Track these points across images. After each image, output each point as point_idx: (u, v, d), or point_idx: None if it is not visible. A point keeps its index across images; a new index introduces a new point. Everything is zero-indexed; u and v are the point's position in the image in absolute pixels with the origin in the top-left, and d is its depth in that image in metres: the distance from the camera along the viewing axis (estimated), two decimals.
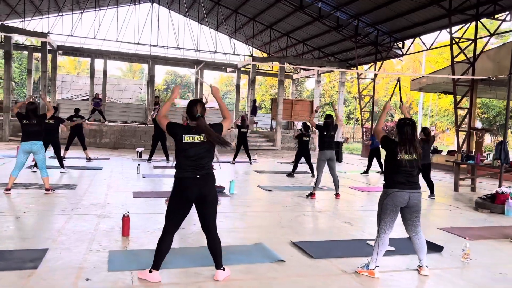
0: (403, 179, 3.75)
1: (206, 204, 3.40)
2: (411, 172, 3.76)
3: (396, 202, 3.75)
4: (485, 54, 13.91)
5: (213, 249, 3.46)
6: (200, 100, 3.58)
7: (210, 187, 3.38)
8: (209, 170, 3.41)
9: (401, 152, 3.73)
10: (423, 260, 3.90)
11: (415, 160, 3.76)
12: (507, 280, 3.84)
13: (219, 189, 7.58)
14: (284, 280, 3.54)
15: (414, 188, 3.77)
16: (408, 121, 3.83)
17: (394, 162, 3.77)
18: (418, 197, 3.80)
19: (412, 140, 3.75)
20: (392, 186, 3.78)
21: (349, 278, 3.68)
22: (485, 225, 6.12)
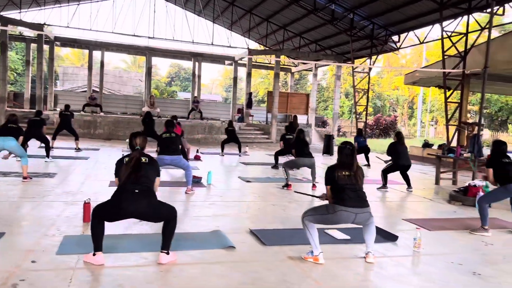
0: (349, 196, 3.81)
1: (148, 218, 3.60)
2: (355, 189, 3.85)
3: (341, 221, 3.84)
4: (476, 48, 13.84)
5: (164, 232, 3.58)
6: (141, 133, 3.81)
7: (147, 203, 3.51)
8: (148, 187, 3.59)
9: (340, 170, 3.88)
10: (369, 247, 3.98)
11: (356, 177, 3.85)
12: (449, 268, 3.90)
13: (196, 180, 7.70)
14: (227, 265, 3.63)
15: (361, 207, 3.83)
16: (348, 146, 3.99)
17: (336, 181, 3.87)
18: (365, 217, 3.86)
19: (351, 163, 3.90)
20: (338, 203, 3.82)
21: (293, 264, 3.76)
22: (452, 217, 6.19)
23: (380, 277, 3.61)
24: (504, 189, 5.31)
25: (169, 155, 6.63)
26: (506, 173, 5.27)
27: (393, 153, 8.17)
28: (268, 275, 3.46)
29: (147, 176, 3.60)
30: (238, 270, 3.53)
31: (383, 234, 4.91)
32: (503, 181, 5.30)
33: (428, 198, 7.64)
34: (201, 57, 23.42)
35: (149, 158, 3.70)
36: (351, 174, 3.87)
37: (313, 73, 24.28)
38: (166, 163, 6.72)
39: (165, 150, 6.67)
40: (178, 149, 6.81)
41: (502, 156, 5.36)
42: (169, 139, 6.74)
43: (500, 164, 5.33)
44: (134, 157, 3.59)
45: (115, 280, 3.16)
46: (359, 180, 3.89)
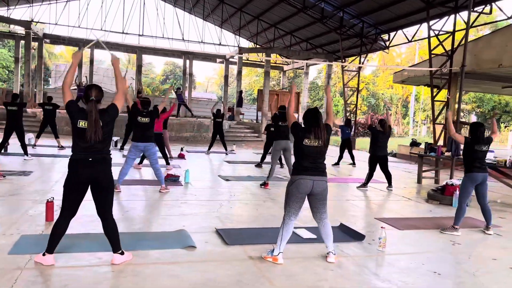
0: (308, 164, 3.79)
1: (99, 189, 3.43)
2: (316, 158, 3.80)
3: (300, 189, 3.79)
4: (463, 47, 13.83)
5: (109, 235, 3.50)
6: (97, 85, 3.59)
7: (103, 171, 3.40)
8: (103, 155, 3.43)
9: (307, 138, 3.77)
10: (329, 247, 3.94)
11: (320, 146, 3.78)
12: (410, 267, 3.87)
13: (173, 178, 7.65)
14: (182, 266, 3.58)
15: (318, 175, 3.80)
16: (313, 110, 3.88)
17: (300, 148, 3.81)
18: (322, 185, 3.83)
19: (317, 127, 3.77)
20: (297, 173, 3.82)
21: (251, 264, 3.72)
22: (426, 216, 6.16)
23: (337, 277, 3.57)
24: (467, 178, 5.26)
25: (143, 142, 6.48)
26: (473, 160, 5.21)
27: (372, 139, 8.10)
28: (222, 275, 3.41)
29: (103, 140, 3.37)
30: (193, 270, 3.48)
31: (351, 233, 4.89)
32: (468, 168, 5.24)
33: (406, 197, 7.62)
34: (192, 55, 23.34)
35: (101, 115, 3.37)
36: (317, 144, 3.76)
37: (304, 72, 24.24)
38: (140, 149, 6.56)
39: (140, 137, 6.48)
40: (152, 135, 6.65)
41: (478, 138, 5.24)
42: (145, 125, 6.53)
43: (473, 148, 5.22)
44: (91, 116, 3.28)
45: (62, 281, 3.10)
46: (323, 149, 3.81)
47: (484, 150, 5.28)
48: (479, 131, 5.29)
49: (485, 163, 5.34)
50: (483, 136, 5.31)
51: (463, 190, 5.36)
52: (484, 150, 5.28)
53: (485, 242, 4.95)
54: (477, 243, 4.89)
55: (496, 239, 5.12)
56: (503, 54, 12.37)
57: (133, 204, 5.78)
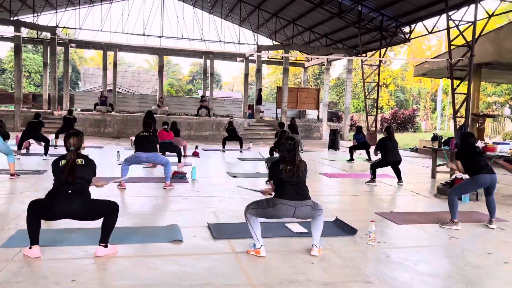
0: (289, 191, 3.79)
1: (82, 218, 3.66)
2: (296, 184, 3.81)
3: (280, 214, 3.81)
4: (485, 37, 13.38)
5: (104, 226, 3.65)
6: (76, 133, 3.77)
7: (80, 204, 3.56)
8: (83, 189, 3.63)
9: (283, 164, 3.85)
10: (314, 240, 3.93)
11: (297, 172, 3.80)
12: (397, 262, 3.80)
13: (180, 175, 7.79)
14: (164, 259, 3.65)
15: (301, 200, 3.80)
16: (290, 141, 3.93)
17: (278, 173, 3.84)
18: (305, 211, 3.82)
19: (293, 160, 3.85)
20: (278, 196, 3.82)
21: (232, 258, 3.75)
22: (429, 210, 6.02)
23: (317, 270, 3.55)
24: (472, 181, 5.14)
25: (144, 152, 6.74)
26: (474, 164, 5.10)
27: (381, 149, 8.05)
28: (200, 268, 3.46)
29: (82, 177, 3.62)
30: (172, 263, 3.55)
31: (344, 227, 4.84)
32: (472, 172, 5.14)
33: (415, 192, 7.45)
34: (212, 54, 23.54)
35: (85, 159, 3.72)
36: (293, 168, 3.82)
37: (325, 68, 24.02)
38: (142, 160, 6.87)
39: (140, 147, 6.80)
40: (154, 147, 6.89)
41: (470, 147, 5.20)
42: (144, 137, 6.87)
43: (468, 156, 5.17)
44: (69, 159, 3.59)
45: (43, 272, 3.23)
46: (300, 174, 3.84)
47: (480, 152, 5.18)
48: (469, 141, 5.23)
49: (489, 165, 5.19)
50: (474, 144, 5.24)
51: (462, 188, 5.27)
52: (480, 152, 5.18)
53: (485, 237, 4.79)
54: (476, 238, 4.74)
55: (498, 233, 4.95)
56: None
57: (134, 201, 5.92)
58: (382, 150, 8.04)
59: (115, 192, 6.33)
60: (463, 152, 5.25)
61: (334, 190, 7.45)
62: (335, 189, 7.56)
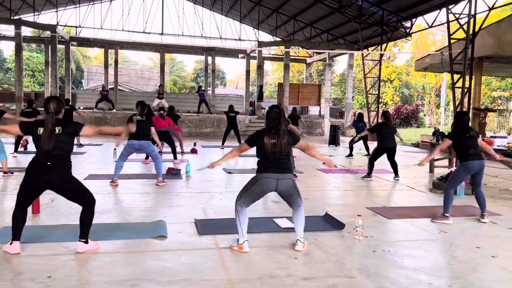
0: (271, 164, 3.75)
1: (61, 190, 3.57)
2: (278, 157, 3.75)
3: (264, 188, 3.77)
4: (485, 30, 13.21)
5: (82, 220, 3.61)
6: (56, 97, 3.71)
7: (59, 176, 3.51)
8: (63, 161, 3.54)
9: (267, 138, 3.74)
10: (298, 234, 3.89)
11: (280, 145, 3.73)
12: (380, 256, 3.75)
13: (174, 172, 7.76)
14: (144, 254, 3.63)
15: (282, 173, 3.75)
16: (275, 109, 3.83)
17: (261, 147, 3.79)
18: (287, 184, 3.78)
19: (278, 127, 3.75)
20: (261, 171, 3.79)
21: (215, 253, 3.72)
22: (422, 205, 5.95)
23: (298, 265, 3.51)
24: (462, 167, 5.04)
25: (138, 139, 6.58)
26: (466, 148, 4.99)
27: (378, 132, 7.97)
28: (180, 264, 3.43)
29: (61, 148, 3.51)
30: (152, 259, 3.52)
31: (332, 222, 4.79)
32: (462, 158, 5.03)
33: (411, 187, 7.37)
34: (213, 51, 23.48)
35: (62, 126, 3.54)
36: (276, 142, 3.73)
37: (327, 64, 23.88)
38: (135, 148, 6.67)
39: (134, 134, 6.59)
40: (148, 133, 6.74)
41: (463, 128, 5.05)
42: (139, 123, 6.50)
43: (461, 138, 5.02)
44: (48, 123, 3.44)
45: (20, 269, 3.21)
46: (284, 145, 3.75)
47: (472, 135, 5.04)
48: (463, 120, 5.10)
49: (478, 150, 5.09)
50: (467, 124, 5.11)
51: (455, 177, 5.13)
52: (472, 135, 5.04)
53: (475, 231, 4.71)
54: (466, 232, 4.66)
55: (490, 227, 4.88)
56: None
57: (124, 197, 5.91)
58: (379, 135, 7.96)
59: (106, 189, 6.33)
60: (456, 134, 5.09)
61: (329, 186, 7.39)
62: (329, 185, 7.49)
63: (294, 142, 3.89)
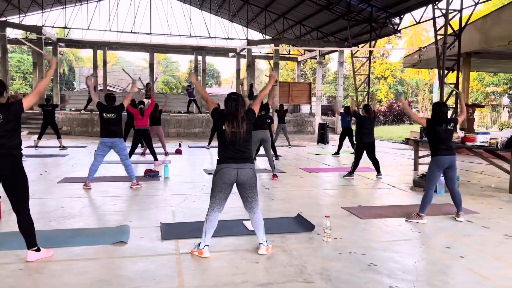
0: (231, 153, 3.62)
1: (7, 185, 3.39)
2: (237, 146, 3.61)
3: (224, 179, 3.62)
4: (472, 25, 13.13)
5: (23, 230, 3.44)
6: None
7: (8, 168, 3.34)
8: (9, 150, 3.36)
9: (226, 124, 3.60)
10: (260, 238, 3.76)
11: (239, 132, 3.59)
12: (347, 258, 3.62)
13: (152, 174, 7.62)
14: (99, 262, 3.49)
15: (242, 163, 3.62)
16: (233, 95, 3.69)
17: (220, 135, 3.65)
18: (248, 173, 3.64)
19: (236, 114, 3.59)
20: (220, 162, 3.67)
21: (173, 259, 3.59)
22: (400, 204, 5.84)
23: (258, 270, 3.38)
24: (433, 162, 4.92)
25: (110, 137, 6.41)
26: (438, 142, 4.87)
27: (358, 123, 7.89)
28: (134, 271, 3.30)
29: (5, 136, 3.30)
30: (105, 267, 3.39)
31: (303, 223, 4.67)
32: (434, 151, 4.91)
33: (392, 185, 7.26)
34: (203, 50, 23.31)
35: (3, 113, 3.30)
36: (236, 130, 3.59)
37: (317, 61, 23.77)
38: (108, 145, 6.49)
39: (107, 132, 6.42)
40: (120, 131, 6.56)
41: (440, 119, 4.91)
42: (111, 121, 6.43)
43: (437, 128, 4.88)
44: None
45: None
46: (243, 135, 3.61)
47: (449, 130, 4.91)
48: (441, 111, 4.94)
49: (451, 145, 4.97)
50: (445, 116, 4.96)
51: (430, 175, 5.01)
52: (449, 130, 4.91)
53: (449, 230, 4.60)
54: (440, 231, 4.54)
55: (464, 226, 4.77)
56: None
57: (94, 201, 5.77)
58: (358, 129, 7.89)
59: (78, 192, 6.19)
60: (434, 124, 4.92)
61: (308, 185, 7.26)
62: (309, 184, 7.36)
63: (252, 118, 3.73)
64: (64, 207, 5.32)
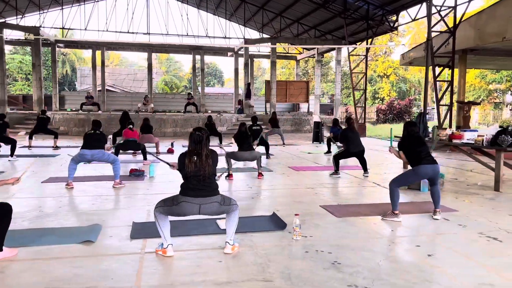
0: (193, 186, 3.61)
1: None
2: (202, 180, 3.61)
3: (185, 211, 3.63)
4: (467, 22, 13.03)
5: None
6: None
7: None
8: None
9: (188, 161, 3.60)
10: (228, 237, 3.74)
11: (203, 168, 3.59)
12: (312, 257, 3.59)
13: (137, 173, 7.64)
14: (62, 261, 3.48)
15: (206, 196, 3.61)
16: (198, 132, 3.68)
17: (183, 170, 3.66)
18: (211, 208, 3.63)
19: (200, 152, 3.61)
20: (183, 193, 3.64)
21: (136, 258, 3.57)
22: (379, 202, 5.79)
23: (220, 269, 3.36)
24: (413, 172, 4.92)
25: (89, 149, 6.55)
26: (416, 155, 4.88)
27: (344, 140, 7.96)
28: (95, 270, 3.29)
29: None
30: (67, 266, 3.38)
31: (276, 222, 4.65)
32: (413, 163, 4.92)
33: (376, 183, 7.22)
34: (202, 50, 23.32)
35: None
36: (199, 161, 3.61)
37: (316, 60, 23.71)
38: (87, 158, 6.64)
39: (85, 144, 6.61)
40: (99, 144, 6.67)
41: (411, 137, 4.97)
42: (91, 135, 6.70)
43: (411, 145, 4.94)
44: None
45: None
46: (206, 168, 3.62)
47: (423, 143, 4.97)
48: (411, 130, 4.99)
49: (431, 156, 4.97)
50: (416, 134, 5.00)
51: (402, 178, 5.03)
52: (423, 143, 4.97)
53: (423, 228, 4.56)
54: (413, 229, 4.51)
55: (440, 224, 4.72)
56: (507, 26, 11.50)
57: (73, 200, 5.77)
58: (345, 141, 7.93)
59: (59, 192, 6.20)
60: (405, 141, 5.03)
61: (292, 183, 7.22)
62: (293, 182, 7.31)
63: (215, 161, 3.74)
64: (41, 206, 5.33)
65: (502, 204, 5.67)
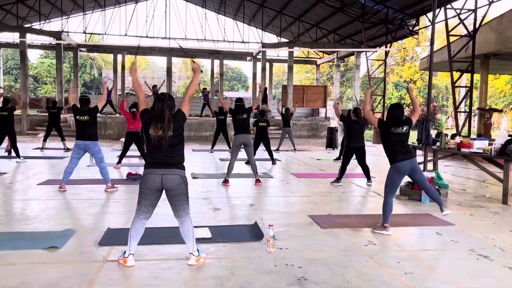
0: (156, 158, 3.45)
1: None
2: (164, 150, 3.44)
3: (148, 185, 3.46)
4: (488, 25, 12.49)
5: None
6: None
7: None
8: None
9: (151, 128, 3.42)
10: (189, 248, 3.57)
11: (165, 137, 3.41)
12: (278, 271, 3.37)
13: (133, 177, 7.57)
14: (14, 267, 3.38)
15: (168, 168, 3.44)
16: (161, 95, 3.52)
17: (147, 138, 3.49)
18: (173, 180, 3.45)
19: (162, 116, 3.42)
20: (146, 167, 3.51)
21: (95, 266, 3.44)
22: (373, 213, 5.49)
23: (175, 281, 3.19)
24: (394, 170, 4.60)
25: (83, 140, 6.39)
26: (392, 147, 4.57)
27: (348, 130, 7.63)
28: (47, 278, 3.17)
29: None
30: (21, 273, 3.27)
31: (255, 232, 4.45)
32: (391, 158, 4.59)
33: (376, 193, 6.89)
34: (221, 54, 23.34)
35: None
36: (162, 134, 3.39)
37: (335, 64, 23.34)
38: (81, 148, 6.46)
39: (80, 135, 6.39)
40: (94, 133, 6.52)
41: (394, 122, 4.59)
42: (84, 123, 6.39)
43: (388, 130, 4.58)
44: None
45: None
46: (169, 135, 3.41)
47: (404, 132, 4.60)
48: (394, 113, 4.62)
49: (408, 146, 4.67)
50: (398, 118, 4.61)
51: (388, 182, 4.69)
52: (404, 132, 4.60)
53: (410, 243, 4.27)
54: (399, 244, 4.21)
55: (429, 239, 4.41)
56: None
57: (60, 204, 5.71)
58: (347, 134, 7.62)
59: (51, 195, 6.19)
60: (386, 127, 4.62)
61: (288, 191, 6.97)
62: (290, 190, 7.05)
63: (181, 121, 3.52)
64: (25, 209, 5.31)
65: (505, 219, 5.28)
